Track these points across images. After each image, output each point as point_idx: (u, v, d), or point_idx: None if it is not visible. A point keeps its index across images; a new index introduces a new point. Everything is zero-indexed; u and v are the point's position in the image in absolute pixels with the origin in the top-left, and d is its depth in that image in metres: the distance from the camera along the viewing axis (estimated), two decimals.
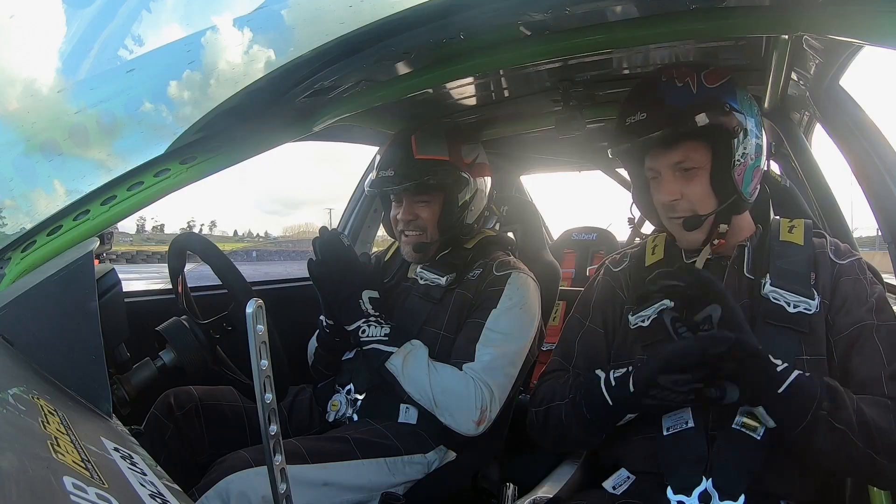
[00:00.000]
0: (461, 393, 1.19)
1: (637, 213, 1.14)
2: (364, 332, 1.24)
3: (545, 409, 1.00)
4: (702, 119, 0.89)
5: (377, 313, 1.27)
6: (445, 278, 1.34)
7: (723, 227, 0.96)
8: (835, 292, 0.90)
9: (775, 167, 1.55)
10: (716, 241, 0.97)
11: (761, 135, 0.96)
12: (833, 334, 0.87)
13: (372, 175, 1.40)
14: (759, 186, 0.97)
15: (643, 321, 0.98)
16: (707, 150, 0.93)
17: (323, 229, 1.30)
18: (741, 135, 0.91)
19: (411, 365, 1.22)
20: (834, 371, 0.86)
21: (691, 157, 0.93)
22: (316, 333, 1.45)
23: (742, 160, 0.92)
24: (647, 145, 0.95)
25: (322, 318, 1.38)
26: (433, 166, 1.34)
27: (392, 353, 1.22)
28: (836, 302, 0.89)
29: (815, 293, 0.89)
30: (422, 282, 1.37)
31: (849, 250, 0.96)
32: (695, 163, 0.94)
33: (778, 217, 1.04)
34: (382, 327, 1.25)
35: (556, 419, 0.97)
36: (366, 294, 1.27)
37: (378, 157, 1.40)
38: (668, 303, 0.96)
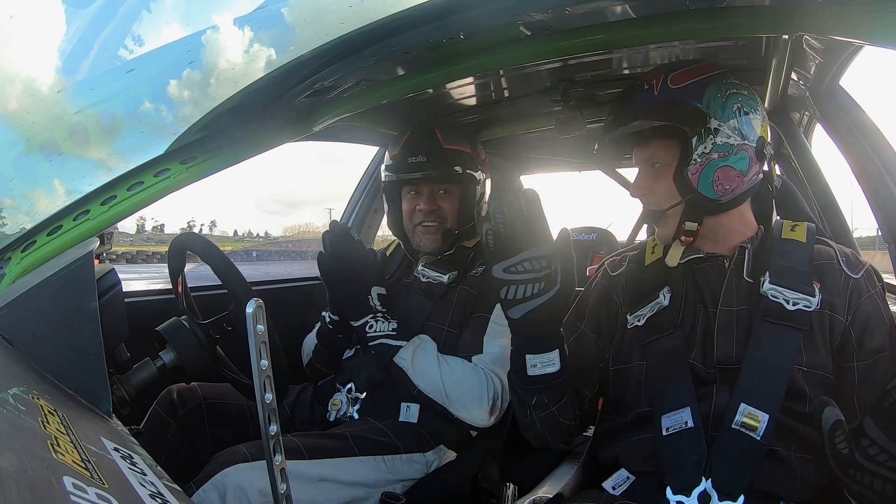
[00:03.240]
0: (472, 384, 1.20)
1: None
2: (371, 327, 1.24)
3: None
4: (657, 119, 0.93)
5: (384, 309, 1.27)
6: (447, 276, 1.35)
7: (689, 225, 0.96)
8: (856, 311, 0.90)
9: (777, 168, 1.55)
10: (683, 238, 0.98)
11: (741, 133, 0.93)
12: (858, 358, 0.88)
13: (389, 162, 1.40)
14: (736, 187, 0.95)
15: (639, 321, 0.98)
16: (675, 149, 0.95)
17: (333, 223, 1.31)
18: (703, 133, 0.92)
19: (421, 359, 1.22)
20: (836, 376, 0.87)
21: (657, 155, 0.97)
22: (315, 329, 1.45)
23: (699, 159, 0.92)
24: (619, 144, 1.04)
25: (325, 313, 1.38)
26: (460, 157, 1.37)
27: (401, 347, 1.23)
28: (859, 321, 0.89)
29: (816, 291, 0.89)
30: (423, 279, 1.37)
31: (857, 258, 0.96)
32: (660, 160, 0.97)
33: (781, 219, 1.03)
34: (390, 322, 1.26)
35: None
36: (374, 290, 1.28)
37: (396, 149, 1.41)
38: (662, 301, 0.97)
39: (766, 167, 1.00)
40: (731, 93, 0.94)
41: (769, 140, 0.98)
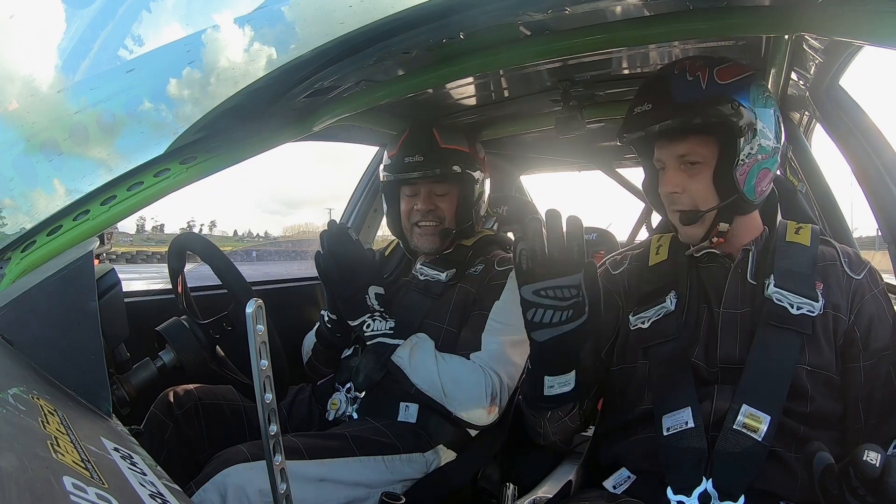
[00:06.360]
0: (470, 381, 1.19)
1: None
2: (369, 326, 1.24)
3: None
4: (705, 115, 0.88)
5: (382, 309, 1.27)
6: (445, 274, 1.35)
7: (723, 226, 0.94)
8: (859, 312, 0.90)
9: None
10: (714, 240, 0.96)
11: (775, 136, 0.93)
12: (864, 359, 0.88)
13: (388, 161, 1.40)
14: (768, 189, 0.95)
15: (643, 322, 0.98)
16: (714, 146, 0.92)
17: (332, 222, 1.30)
18: (749, 134, 0.90)
19: (418, 356, 1.22)
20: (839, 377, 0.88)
21: (696, 151, 0.92)
22: (314, 328, 1.45)
23: (747, 160, 0.90)
24: (650, 136, 0.95)
25: (324, 312, 1.38)
26: (457, 156, 1.37)
27: (398, 345, 1.23)
28: (863, 321, 0.89)
29: (820, 296, 0.89)
30: (421, 278, 1.37)
31: (859, 259, 0.96)
32: (699, 157, 0.92)
33: (785, 220, 1.03)
34: (387, 321, 1.26)
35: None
36: (372, 290, 1.28)
37: (394, 149, 1.41)
38: (668, 306, 0.96)
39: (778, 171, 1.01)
40: (767, 95, 0.94)
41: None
